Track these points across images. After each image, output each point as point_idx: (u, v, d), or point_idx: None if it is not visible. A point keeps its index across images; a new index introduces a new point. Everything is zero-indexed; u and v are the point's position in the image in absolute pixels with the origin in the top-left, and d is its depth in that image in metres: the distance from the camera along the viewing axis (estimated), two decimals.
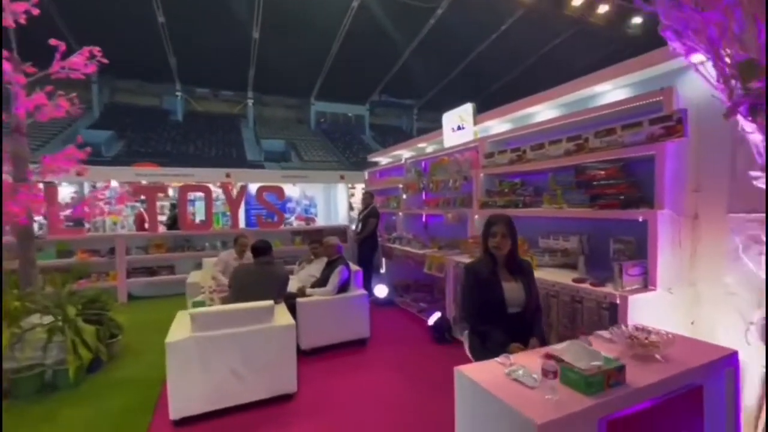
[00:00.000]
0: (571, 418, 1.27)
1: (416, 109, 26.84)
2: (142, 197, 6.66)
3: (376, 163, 7.44)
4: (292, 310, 3.52)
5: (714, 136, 2.49)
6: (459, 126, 4.72)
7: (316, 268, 4.49)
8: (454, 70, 20.94)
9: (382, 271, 5.77)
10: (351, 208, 10.33)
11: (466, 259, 3.96)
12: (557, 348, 1.66)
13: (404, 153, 6.55)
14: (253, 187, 6.91)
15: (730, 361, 1.74)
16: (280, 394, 2.84)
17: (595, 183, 3.02)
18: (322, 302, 3.74)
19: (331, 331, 3.77)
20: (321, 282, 3.94)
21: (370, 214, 5.72)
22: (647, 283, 2.56)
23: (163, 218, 8.70)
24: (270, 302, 2.86)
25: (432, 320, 4.04)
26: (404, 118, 27.78)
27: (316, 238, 4.70)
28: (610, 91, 3.24)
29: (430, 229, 5.83)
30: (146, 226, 6.24)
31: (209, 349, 2.62)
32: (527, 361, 1.63)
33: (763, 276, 2.18)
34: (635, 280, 2.55)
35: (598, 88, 3.25)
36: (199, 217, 9.93)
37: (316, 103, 24.57)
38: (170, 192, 10.50)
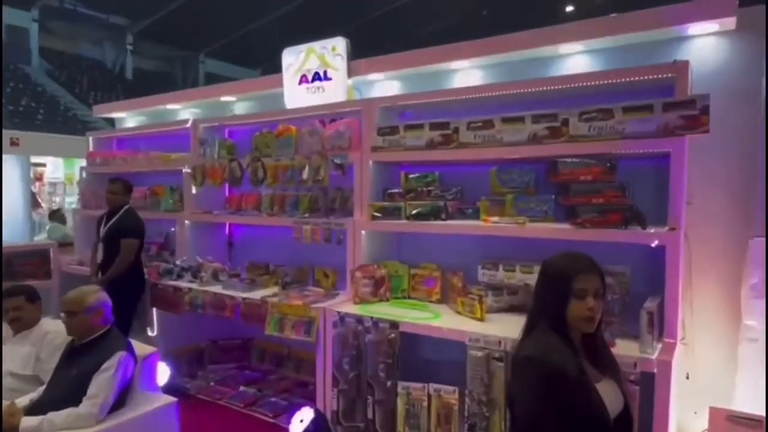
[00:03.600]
0: None
1: (131, 34, 23.19)
2: None
3: (111, 123, 5.64)
4: None
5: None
6: (319, 75, 3.92)
7: (22, 359, 2.82)
8: None
9: (152, 333, 4.29)
10: (36, 204, 7.70)
11: (347, 304, 3.30)
12: None
13: (179, 108, 5.21)
14: None
15: None
16: None
17: (574, 187, 2.92)
18: None
19: None
20: (63, 392, 2.41)
21: (126, 227, 4.07)
22: (662, 333, 2.60)
23: None
24: None
25: (301, 426, 3.15)
26: (109, 47, 23.59)
27: (17, 290, 2.89)
28: (573, 54, 3.26)
29: (237, 250, 4.77)
30: None
31: None
32: None
33: None
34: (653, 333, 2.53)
35: (563, 49, 3.21)
36: None
37: None
38: None
